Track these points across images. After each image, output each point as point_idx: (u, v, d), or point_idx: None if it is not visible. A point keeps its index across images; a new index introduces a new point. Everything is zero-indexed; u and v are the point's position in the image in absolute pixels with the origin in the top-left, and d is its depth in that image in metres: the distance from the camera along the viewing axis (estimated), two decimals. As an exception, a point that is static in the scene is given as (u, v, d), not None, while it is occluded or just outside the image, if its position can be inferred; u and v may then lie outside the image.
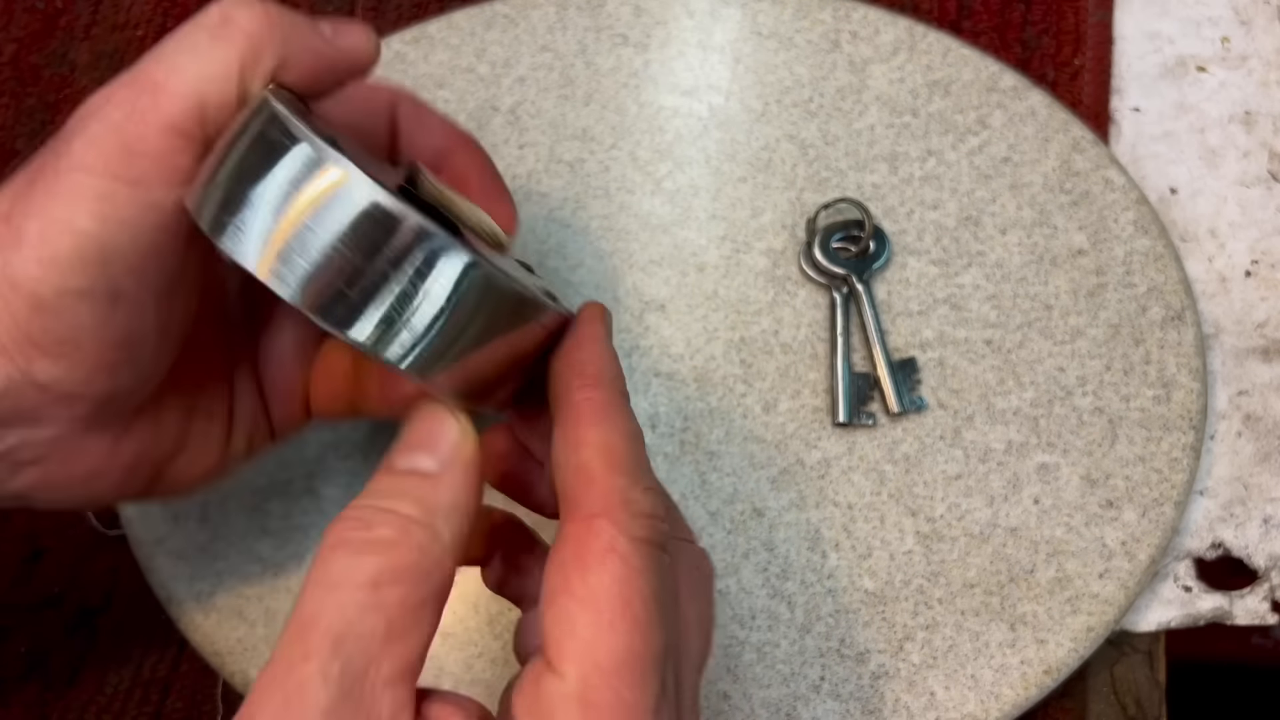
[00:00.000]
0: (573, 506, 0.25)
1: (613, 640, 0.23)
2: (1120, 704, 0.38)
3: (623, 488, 0.24)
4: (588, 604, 0.23)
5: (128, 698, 0.38)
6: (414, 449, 0.26)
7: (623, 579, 0.23)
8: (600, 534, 0.24)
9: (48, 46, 0.51)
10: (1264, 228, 0.44)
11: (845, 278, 0.42)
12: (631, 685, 0.23)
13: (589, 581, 0.23)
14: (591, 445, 0.25)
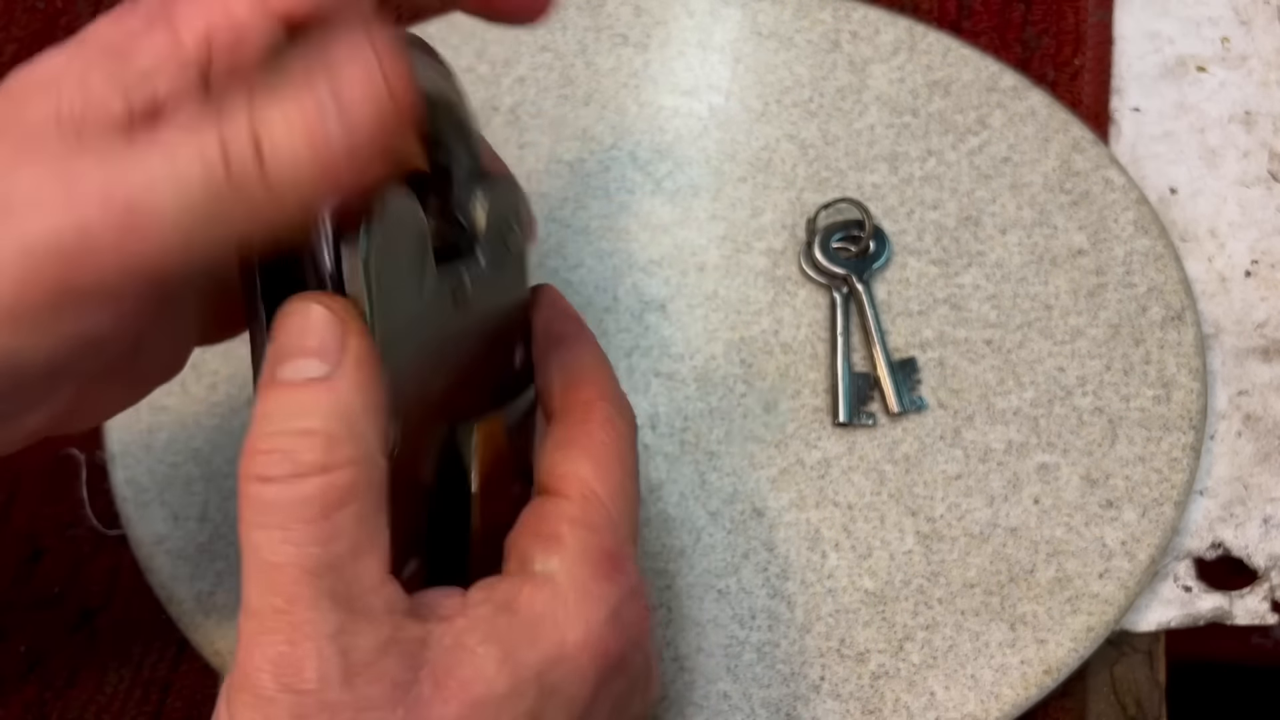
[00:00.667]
0: (573, 392, 0.30)
1: (608, 478, 0.28)
2: (1120, 704, 0.38)
3: (613, 385, 0.30)
4: (590, 453, 0.28)
5: (127, 697, 0.38)
6: (293, 355, 0.25)
7: (617, 440, 0.29)
8: (601, 410, 0.29)
9: (48, 46, 0.51)
10: (1264, 228, 0.44)
11: (845, 278, 0.42)
12: (619, 511, 0.28)
13: (593, 438, 0.29)
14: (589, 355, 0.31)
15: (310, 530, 0.23)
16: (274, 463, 0.24)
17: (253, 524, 0.24)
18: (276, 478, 0.24)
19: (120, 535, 0.40)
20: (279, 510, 0.24)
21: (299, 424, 0.24)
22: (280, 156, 0.23)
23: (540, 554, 0.27)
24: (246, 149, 0.23)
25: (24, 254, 0.23)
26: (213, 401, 0.41)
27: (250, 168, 0.23)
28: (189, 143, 0.23)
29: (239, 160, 0.23)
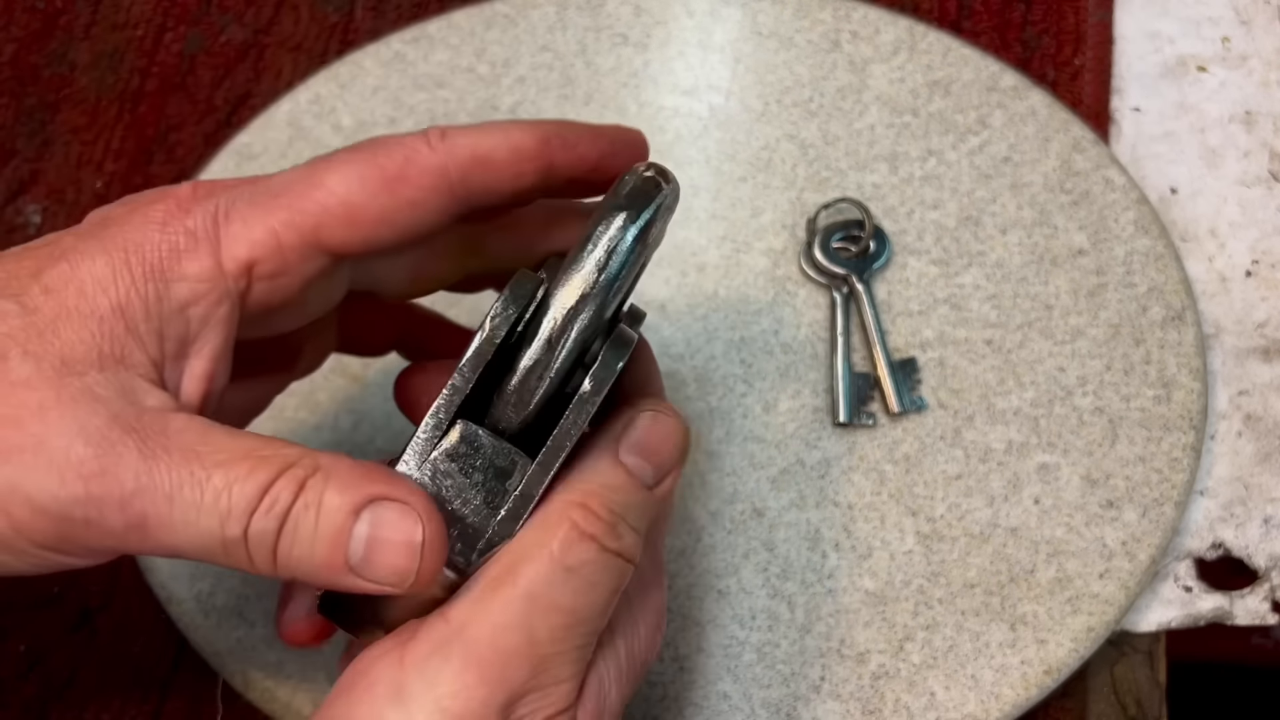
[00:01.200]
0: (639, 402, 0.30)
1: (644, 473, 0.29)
2: (1120, 704, 0.38)
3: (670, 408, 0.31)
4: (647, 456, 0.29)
5: (127, 697, 0.38)
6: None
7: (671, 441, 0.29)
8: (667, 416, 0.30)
9: (48, 46, 0.51)
10: (1264, 228, 0.44)
11: (845, 278, 0.42)
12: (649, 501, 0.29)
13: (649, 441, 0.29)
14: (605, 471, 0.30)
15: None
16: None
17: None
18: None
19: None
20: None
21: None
22: (294, 558, 0.25)
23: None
24: (268, 535, 0.25)
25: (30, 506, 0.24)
26: (212, 401, 0.41)
27: (265, 550, 0.25)
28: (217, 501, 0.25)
29: (258, 538, 0.25)
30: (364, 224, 0.27)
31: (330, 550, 0.25)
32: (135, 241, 0.26)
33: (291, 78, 0.49)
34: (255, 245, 0.27)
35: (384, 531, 0.25)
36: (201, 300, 0.26)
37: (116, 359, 0.25)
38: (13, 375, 0.25)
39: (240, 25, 0.51)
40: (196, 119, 0.49)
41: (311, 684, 0.37)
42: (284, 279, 0.27)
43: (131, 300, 0.26)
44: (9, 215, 0.47)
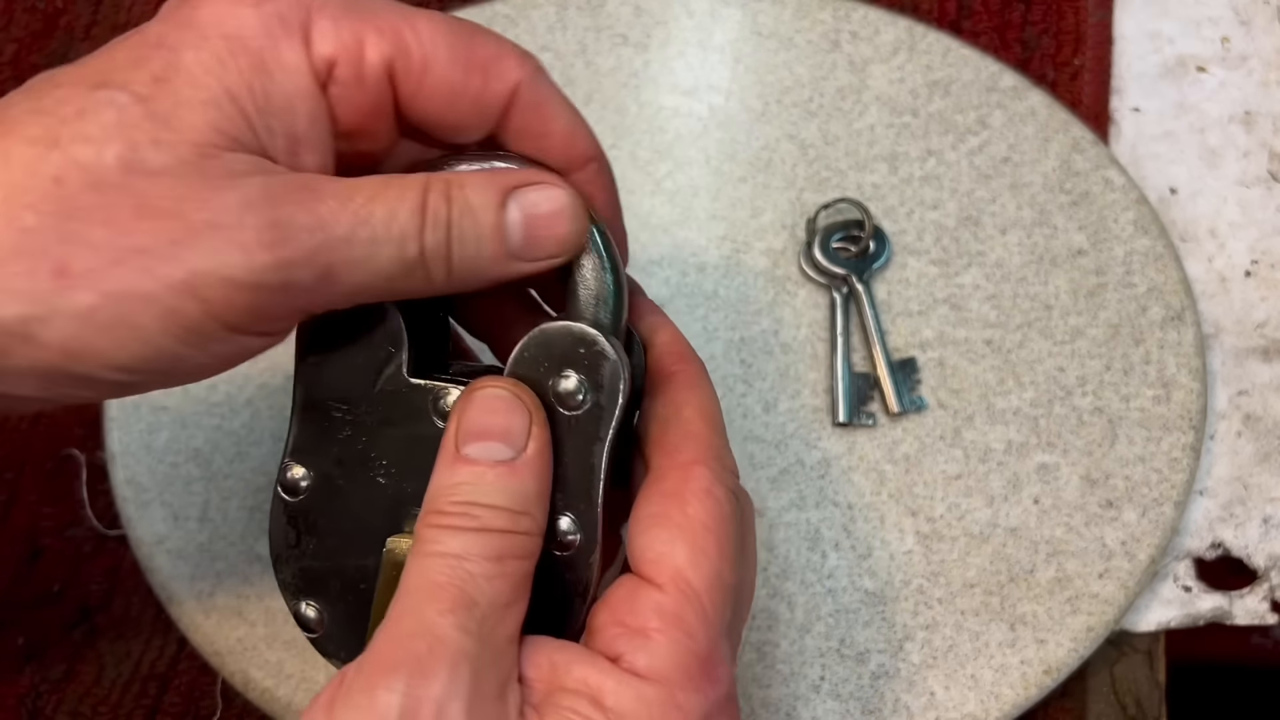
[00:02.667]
0: (671, 452, 0.28)
1: (704, 565, 0.26)
2: (1120, 704, 0.38)
3: (717, 444, 0.28)
4: (686, 534, 0.26)
5: (125, 692, 0.38)
6: (482, 436, 0.27)
7: (716, 517, 0.27)
8: (699, 478, 0.27)
9: (48, 46, 0.51)
10: (1264, 228, 0.44)
11: (845, 278, 0.42)
12: (714, 605, 0.26)
13: (688, 514, 0.27)
14: (692, 406, 0.28)
15: (482, 565, 0.25)
16: (458, 520, 0.26)
17: (425, 551, 0.25)
18: (464, 528, 0.26)
19: (120, 535, 0.40)
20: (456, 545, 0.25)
21: (486, 499, 0.26)
22: (468, 259, 0.27)
23: (628, 648, 0.26)
24: (441, 241, 0.26)
25: (226, 284, 0.24)
26: (213, 402, 0.41)
27: (440, 259, 0.27)
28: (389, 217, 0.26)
29: (433, 250, 0.26)
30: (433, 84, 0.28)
31: (495, 242, 0.27)
32: (230, 24, 0.26)
33: (292, 78, 0.49)
34: (341, 45, 0.27)
35: (534, 209, 0.27)
36: (305, 95, 0.26)
37: (241, 143, 0.25)
38: (151, 166, 0.24)
39: (240, 25, 0.51)
40: (197, 119, 0.49)
41: (311, 684, 0.37)
42: (358, 93, 0.27)
43: (240, 87, 0.25)
44: (9, 215, 0.47)
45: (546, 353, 0.28)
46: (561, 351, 0.28)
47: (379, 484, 0.29)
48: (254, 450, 0.40)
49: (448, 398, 0.28)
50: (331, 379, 0.29)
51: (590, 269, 0.29)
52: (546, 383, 0.28)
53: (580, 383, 0.28)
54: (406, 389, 0.28)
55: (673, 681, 0.25)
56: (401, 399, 0.28)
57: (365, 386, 0.29)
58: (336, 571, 0.29)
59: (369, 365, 0.29)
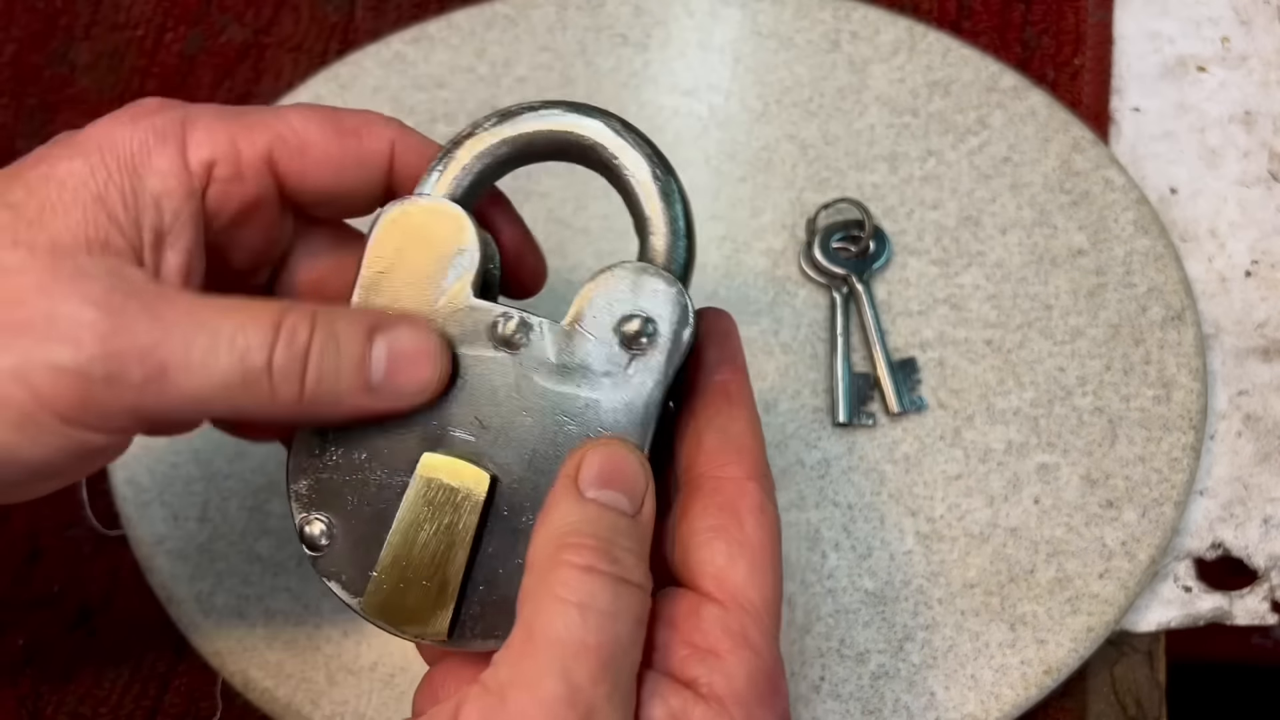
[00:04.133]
0: (723, 464, 0.28)
1: (763, 584, 0.27)
2: (1120, 704, 0.38)
3: (764, 460, 0.29)
4: (746, 551, 0.27)
5: (125, 692, 0.38)
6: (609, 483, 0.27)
7: (769, 536, 0.27)
8: (753, 494, 0.28)
9: (48, 46, 0.51)
10: (1264, 228, 0.44)
11: (845, 278, 0.42)
12: (772, 621, 0.27)
13: (746, 532, 0.27)
14: (743, 420, 0.29)
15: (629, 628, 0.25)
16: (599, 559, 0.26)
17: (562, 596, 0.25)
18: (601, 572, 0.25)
19: (120, 535, 0.40)
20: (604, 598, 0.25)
21: (623, 542, 0.26)
22: (322, 388, 0.27)
23: (702, 671, 0.26)
24: (293, 361, 0.27)
25: (52, 371, 0.25)
26: (212, 401, 0.41)
27: (291, 381, 0.27)
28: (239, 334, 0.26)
29: (282, 370, 0.26)
30: (314, 161, 0.29)
31: (355, 373, 0.27)
32: (107, 139, 0.28)
33: (292, 78, 0.49)
34: (216, 148, 0.28)
35: (401, 346, 0.28)
36: (172, 193, 0.28)
37: (102, 244, 0.26)
38: (5, 263, 0.26)
39: (240, 26, 0.51)
40: (197, 119, 0.49)
41: (311, 684, 0.37)
42: (239, 187, 0.29)
43: (109, 191, 0.27)
44: (9, 215, 0.47)
45: (618, 291, 0.28)
46: (633, 291, 0.28)
47: None
48: (254, 450, 0.40)
49: (508, 323, 0.28)
50: (395, 288, 0.29)
51: (661, 216, 0.30)
52: (613, 320, 0.28)
53: (645, 323, 0.28)
54: (466, 308, 0.29)
55: (749, 701, 0.26)
56: (460, 317, 0.29)
57: (429, 300, 0.29)
58: (356, 486, 0.29)
59: (437, 279, 0.29)
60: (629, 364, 0.28)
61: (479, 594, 0.28)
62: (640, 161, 0.30)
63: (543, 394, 0.28)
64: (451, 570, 0.28)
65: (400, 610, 0.28)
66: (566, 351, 0.28)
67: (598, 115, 0.30)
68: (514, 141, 0.30)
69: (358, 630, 0.38)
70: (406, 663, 0.37)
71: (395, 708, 0.36)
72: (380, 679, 0.37)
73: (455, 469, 0.28)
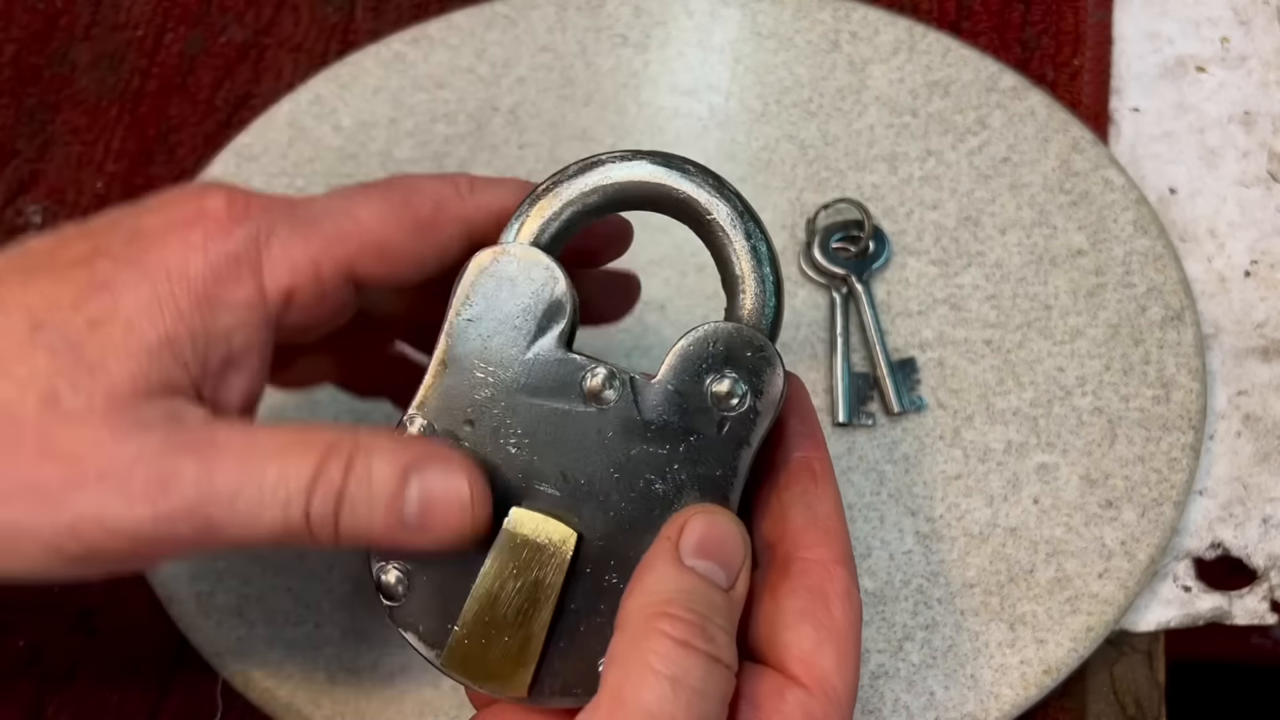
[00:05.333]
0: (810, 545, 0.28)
1: (847, 671, 0.27)
2: (1120, 704, 0.38)
3: (849, 544, 0.29)
4: (832, 637, 0.27)
5: (126, 693, 0.38)
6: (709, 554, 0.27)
7: (854, 623, 0.28)
8: (840, 579, 0.28)
9: (48, 46, 0.51)
10: (1263, 228, 0.44)
11: (845, 278, 0.42)
12: (850, 708, 0.27)
13: (834, 618, 0.27)
14: (829, 501, 0.29)
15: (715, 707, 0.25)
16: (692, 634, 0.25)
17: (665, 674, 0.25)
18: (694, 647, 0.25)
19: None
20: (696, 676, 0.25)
21: (717, 619, 0.26)
22: (355, 528, 0.27)
23: None
24: (329, 506, 0.26)
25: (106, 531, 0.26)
26: (213, 401, 0.41)
27: (327, 525, 0.26)
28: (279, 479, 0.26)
29: (319, 517, 0.26)
30: (394, 260, 0.29)
31: (387, 514, 0.27)
32: (178, 268, 0.27)
33: (292, 78, 0.49)
34: (297, 273, 0.28)
35: (434, 488, 0.27)
36: (246, 325, 0.27)
37: (164, 387, 0.26)
38: (64, 410, 0.26)
39: (240, 26, 0.51)
40: (197, 120, 0.49)
41: (311, 684, 0.37)
42: (318, 304, 0.29)
43: (179, 331, 0.27)
44: (9, 216, 0.47)
45: (710, 349, 0.28)
46: (725, 350, 0.28)
47: (509, 452, 0.28)
48: (254, 450, 0.40)
49: (595, 376, 0.28)
50: (484, 336, 0.28)
51: (752, 275, 0.29)
52: (704, 379, 0.28)
53: (736, 384, 0.28)
54: (558, 360, 0.28)
55: None
56: (551, 369, 0.28)
57: (517, 350, 0.28)
58: None
59: (526, 329, 0.28)
60: (720, 426, 0.28)
61: (559, 651, 0.28)
62: (734, 220, 0.30)
63: (629, 451, 0.28)
64: (535, 627, 0.27)
65: (481, 666, 0.28)
66: (654, 409, 0.28)
67: (691, 170, 0.30)
68: (604, 191, 0.30)
69: (358, 630, 0.38)
70: (407, 663, 0.37)
71: (395, 708, 0.37)
72: (381, 679, 0.37)
73: (542, 525, 0.28)
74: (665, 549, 0.27)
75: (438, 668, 0.28)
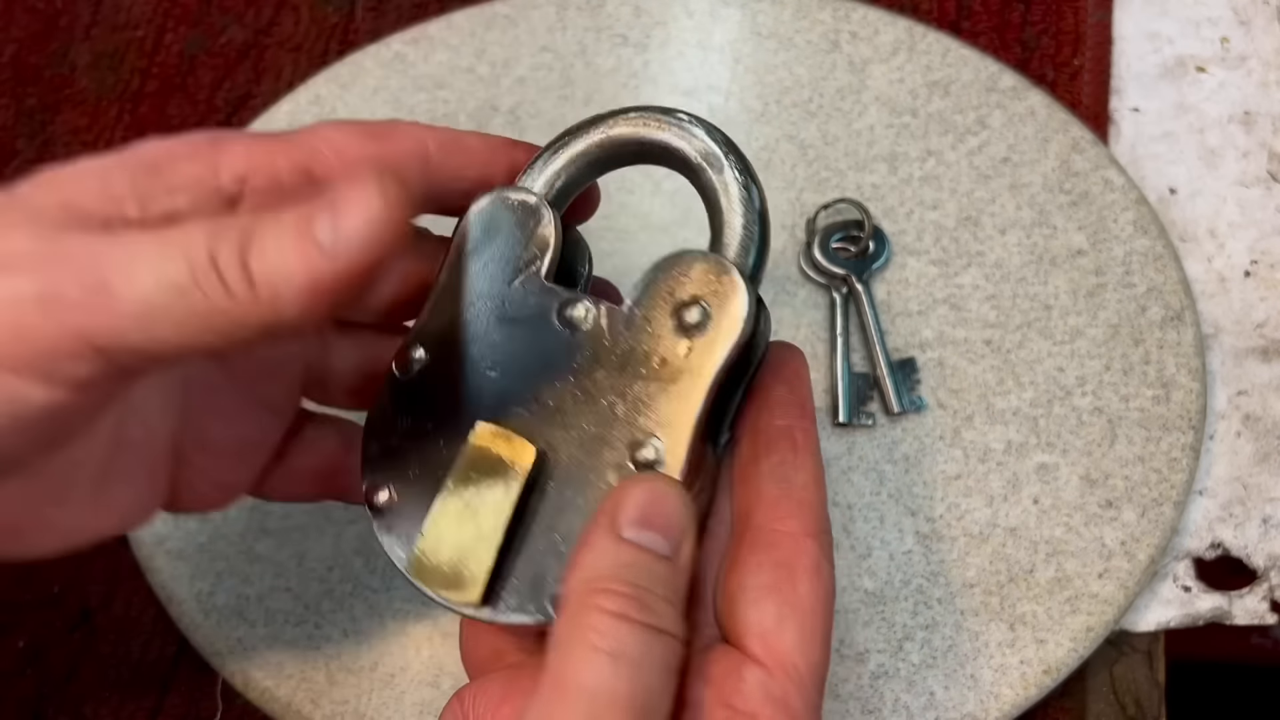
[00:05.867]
0: (782, 517, 0.27)
1: (812, 650, 0.26)
2: (1120, 704, 0.38)
3: (825, 516, 0.27)
4: (796, 614, 0.26)
5: (126, 693, 0.38)
6: (648, 524, 0.26)
7: (822, 599, 0.26)
8: (810, 553, 0.27)
9: (48, 46, 0.51)
10: (1263, 228, 0.44)
11: (845, 278, 0.42)
12: (816, 690, 0.26)
13: (799, 593, 0.26)
14: (807, 471, 0.28)
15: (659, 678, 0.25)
16: (630, 606, 0.25)
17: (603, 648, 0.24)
18: (632, 619, 0.25)
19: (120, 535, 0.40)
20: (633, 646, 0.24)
21: (658, 589, 0.25)
22: (267, 258, 0.24)
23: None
24: (233, 246, 0.24)
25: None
26: (213, 401, 0.41)
27: (234, 265, 0.24)
28: (178, 236, 0.24)
29: (225, 256, 0.24)
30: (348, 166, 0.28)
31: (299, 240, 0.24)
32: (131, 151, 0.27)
33: (292, 78, 0.49)
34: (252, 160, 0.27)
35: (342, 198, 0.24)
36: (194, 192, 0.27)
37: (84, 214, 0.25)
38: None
39: (240, 26, 0.51)
40: (197, 120, 0.49)
41: (311, 684, 0.37)
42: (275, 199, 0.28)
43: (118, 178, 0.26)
44: (9, 215, 0.47)
45: (678, 275, 0.28)
46: (693, 277, 0.28)
47: (489, 377, 0.29)
48: (254, 450, 0.40)
49: (574, 308, 0.29)
50: (477, 270, 0.29)
51: (736, 212, 0.30)
52: (669, 305, 0.28)
53: (704, 312, 0.28)
54: (539, 291, 0.29)
55: None
56: (532, 299, 0.29)
57: (505, 281, 0.29)
58: (420, 454, 0.29)
59: (515, 262, 0.29)
60: (686, 352, 0.28)
61: (515, 569, 0.28)
62: (719, 159, 0.30)
63: (594, 374, 0.28)
64: (490, 539, 0.28)
65: (437, 574, 0.28)
66: (622, 334, 0.28)
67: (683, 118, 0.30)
68: (605, 144, 0.31)
69: (358, 630, 0.38)
70: (406, 662, 0.37)
71: (395, 708, 0.37)
72: (380, 679, 0.37)
73: (505, 440, 0.28)
74: (602, 524, 0.26)
75: (407, 579, 0.28)
